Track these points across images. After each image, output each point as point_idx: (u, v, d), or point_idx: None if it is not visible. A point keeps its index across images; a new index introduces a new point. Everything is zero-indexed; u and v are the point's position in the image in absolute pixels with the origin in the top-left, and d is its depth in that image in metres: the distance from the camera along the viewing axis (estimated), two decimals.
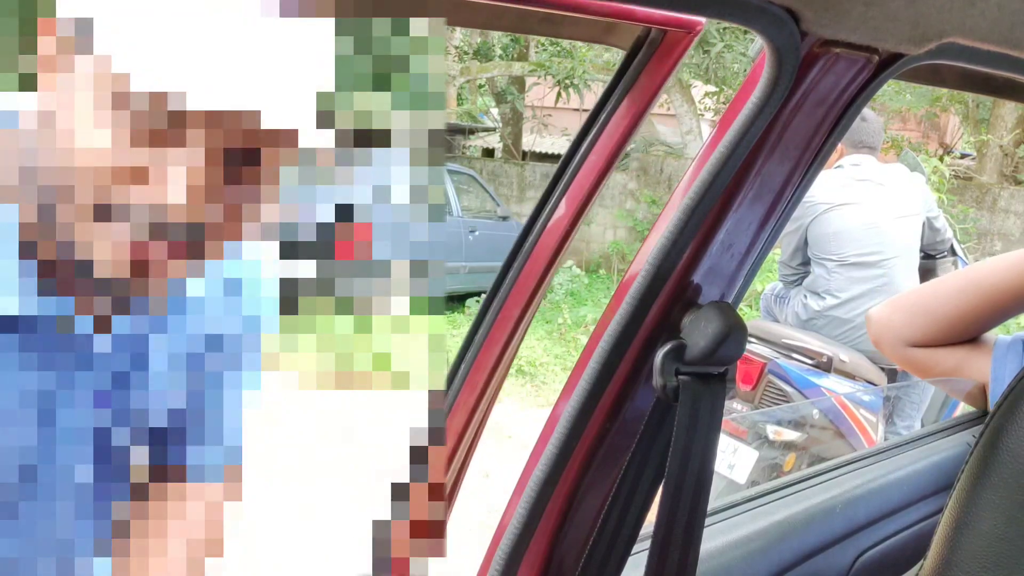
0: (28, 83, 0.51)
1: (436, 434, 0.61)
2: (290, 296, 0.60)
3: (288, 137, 0.58)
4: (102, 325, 0.56)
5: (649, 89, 0.77)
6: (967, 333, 1.35)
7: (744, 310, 6.99)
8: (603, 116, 0.81)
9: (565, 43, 11.80)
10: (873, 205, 3.02)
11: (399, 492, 0.61)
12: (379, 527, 0.60)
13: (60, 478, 0.54)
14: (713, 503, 1.18)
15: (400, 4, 0.54)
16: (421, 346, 0.59)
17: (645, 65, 0.77)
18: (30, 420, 0.54)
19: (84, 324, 0.56)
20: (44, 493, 0.54)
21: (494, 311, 0.84)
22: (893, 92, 10.14)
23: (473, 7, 0.72)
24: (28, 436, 0.54)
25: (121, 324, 0.57)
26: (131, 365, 0.57)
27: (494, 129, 14.67)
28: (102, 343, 0.56)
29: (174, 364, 0.58)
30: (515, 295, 0.82)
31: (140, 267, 0.53)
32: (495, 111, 13.88)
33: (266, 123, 0.54)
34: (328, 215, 0.57)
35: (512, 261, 0.84)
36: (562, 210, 0.82)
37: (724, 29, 7.45)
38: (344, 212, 0.57)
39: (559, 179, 0.83)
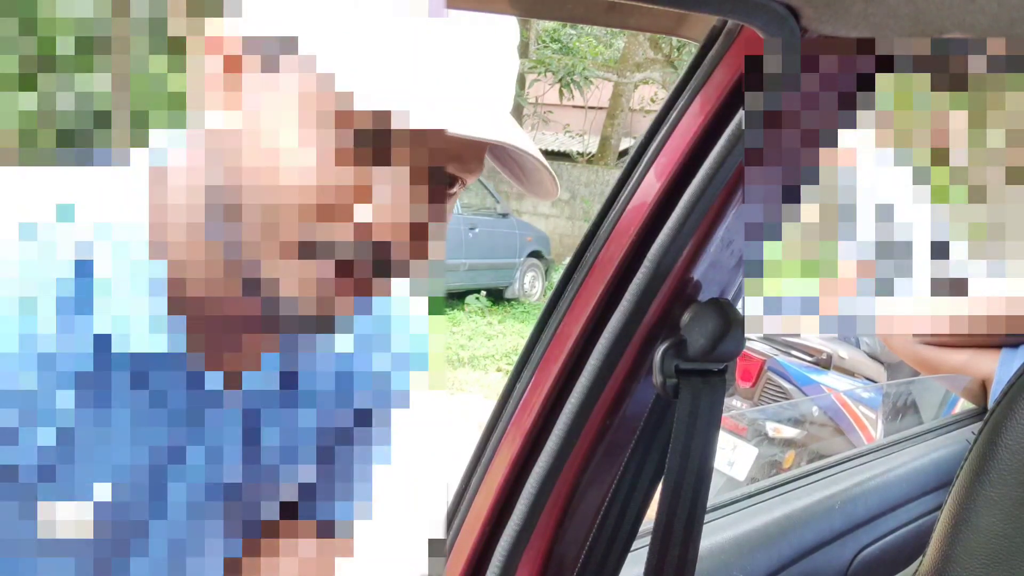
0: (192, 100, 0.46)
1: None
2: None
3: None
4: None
5: (725, 84, 0.71)
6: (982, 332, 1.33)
7: None
8: (673, 115, 0.74)
9: (567, 40, 11.80)
10: None
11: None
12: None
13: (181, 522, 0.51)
14: (713, 500, 1.18)
15: None
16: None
17: (721, 58, 0.71)
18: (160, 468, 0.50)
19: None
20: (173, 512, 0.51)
21: (552, 327, 0.78)
22: None
23: None
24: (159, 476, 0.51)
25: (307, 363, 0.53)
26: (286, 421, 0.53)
27: None
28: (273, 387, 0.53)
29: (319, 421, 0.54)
30: (574, 310, 0.77)
31: (328, 304, 0.49)
32: None
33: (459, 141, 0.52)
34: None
35: (571, 274, 0.78)
36: (627, 219, 0.76)
37: None
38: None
39: (624, 184, 0.77)
